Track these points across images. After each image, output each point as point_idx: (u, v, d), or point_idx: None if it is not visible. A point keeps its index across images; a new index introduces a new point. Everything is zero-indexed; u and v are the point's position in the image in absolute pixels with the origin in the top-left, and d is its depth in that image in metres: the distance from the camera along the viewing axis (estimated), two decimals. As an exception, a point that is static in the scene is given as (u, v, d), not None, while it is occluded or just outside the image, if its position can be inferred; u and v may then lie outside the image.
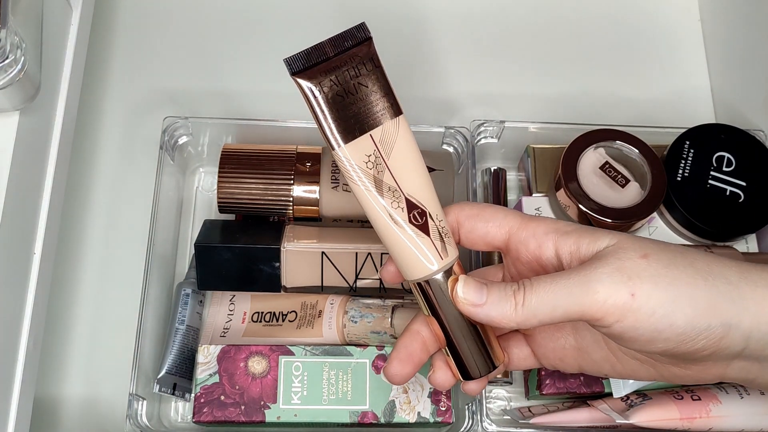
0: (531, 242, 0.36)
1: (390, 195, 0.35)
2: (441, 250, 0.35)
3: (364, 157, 0.35)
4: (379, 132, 0.35)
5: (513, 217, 0.37)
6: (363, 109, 0.35)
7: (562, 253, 0.35)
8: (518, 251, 0.37)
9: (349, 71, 0.35)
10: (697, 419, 0.45)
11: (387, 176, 0.35)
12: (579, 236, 0.35)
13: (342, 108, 0.34)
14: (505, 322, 0.34)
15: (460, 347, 0.37)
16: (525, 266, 0.37)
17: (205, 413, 0.46)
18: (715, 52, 0.62)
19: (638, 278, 0.32)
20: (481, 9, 0.64)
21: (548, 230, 0.36)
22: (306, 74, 0.34)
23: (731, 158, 0.52)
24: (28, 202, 0.45)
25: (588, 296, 0.32)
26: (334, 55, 0.35)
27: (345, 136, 0.34)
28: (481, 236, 0.37)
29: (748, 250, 0.52)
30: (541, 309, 0.33)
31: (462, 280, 0.35)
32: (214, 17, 0.63)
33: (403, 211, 0.35)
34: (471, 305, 0.34)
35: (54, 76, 0.48)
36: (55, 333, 0.52)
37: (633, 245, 0.33)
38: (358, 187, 0.35)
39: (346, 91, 0.35)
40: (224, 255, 0.48)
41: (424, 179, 0.36)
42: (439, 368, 0.38)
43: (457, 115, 0.60)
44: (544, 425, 0.47)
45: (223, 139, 0.54)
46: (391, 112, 0.35)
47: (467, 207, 0.37)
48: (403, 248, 0.35)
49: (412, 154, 0.36)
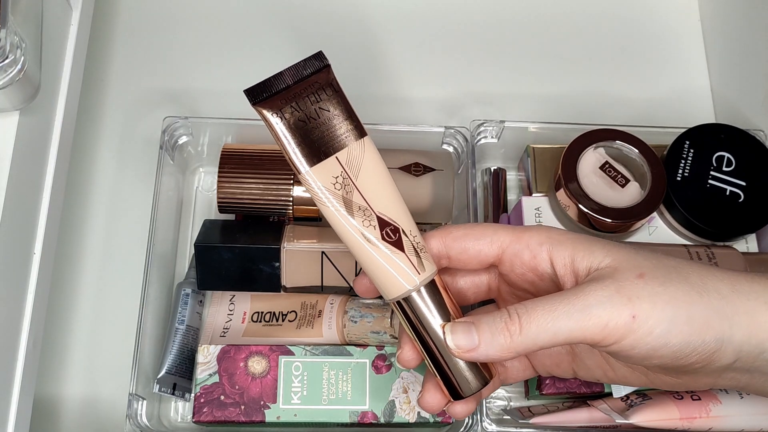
0: (525, 254, 0.36)
1: (360, 214, 0.35)
2: (417, 265, 0.35)
3: (331, 178, 0.35)
4: (345, 153, 0.35)
5: (504, 232, 0.36)
6: (326, 133, 0.35)
7: (556, 264, 0.35)
8: (512, 264, 0.36)
9: (310, 97, 0.35)
10: (697, 419, 0.45)
11: (356, 196, 0.35)
12: (573, 247, 0.35)
13: (305, 133, 0.35)
14: (507, 356, 0.33)
15: (448, 365, 0.36)
16: (519, 277, 0.37)
17: (205, 413, 0.46)
18: (715, 52, 0.62)
19: (638, 299, 0.32)
20: (481, 9, 0.64)
21: (542, 241, 0.36)
22: (267, 103, 0.35)
23: (731, 158, 0.52)
24: (28, 202, 0.45)
25: (590, 320, 0.32)
26: (293, 83, 0.35)
27: (310, 159, 0.35)
28: (474, 256, 0.37)
29: (748, 250, 0.52)
30: (541, 336, 0.33)
31: (448, 329, 0.34)
32: (214, 17, 0.63)
33: (375, 229, 0.35)
34: (465, 352, 0.34)
35: (54, 76, 0.48)
36: (55, 333, 0.52)
37: (628, 264, 0.33)
38: (328, 209, 0.35)
39: (308, 117, 0.35)
40: (224, 255, 0.48)
41: (395, 197, 0.36)
42: (428, 390, 0.37)
43: (457, 115, 0.60)
44: (544, 425, 0.47)
45: (223, 139, 0.54)
46: (355, 134, 0.36)
47: (453, 229, 0.37)
48: (378, 267, 0.35)
49: (381, 173, 0.36)
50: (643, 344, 0.32)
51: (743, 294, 0.33)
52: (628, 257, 0.34)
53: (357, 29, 0.63)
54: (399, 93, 0.61)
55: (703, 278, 0.33)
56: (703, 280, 0.33)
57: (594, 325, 0.32)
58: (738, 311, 0.33)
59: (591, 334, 0.32)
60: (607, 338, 0.32)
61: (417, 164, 0.51)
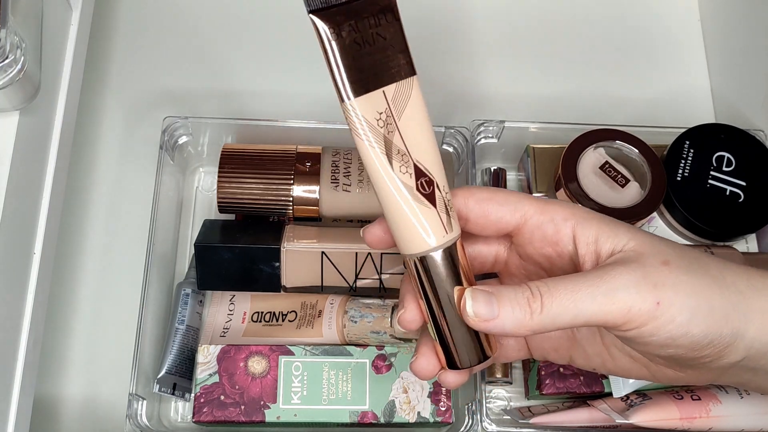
0: (549, 227, 0.35)
1: (399, 158, 0.32)
2: (446, 223, 0.33)
3: (375, 113, 0.32)
4: (393, 89, 0.32)
5: (529, 201, 0.35)
6: (379, 63, 0.32)
7: (579, 242, 0.34)
8: (532, 236, 0.35)
9: (369, 19, 0.31)
10: (697, 419, 0.45)
11: (397, 138, 0.32)
12: (599, 227, 0.34)
13: (357, 57, 0.31)
14: (522, 332, 0.32)
15: (453, 333, 0.34)
16: (536, 251, 0.36)
17: (205, 413, 0.46)
18: (715, 52, 0.62)
19: (663, 286, 0.32)
20: (481, 9, 0.64)
21: (567, 216, 0.35)
22: (324, 14, 0.31)
23: (731, 158, 0.52)
24: (28, 202, 0.45)
25: (614, 304, 0.31)
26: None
27: (357, 88, 0.31)
28: (494, 221, 0.35)
29: (748, 250, 0.52)
30: (562, 316, 0.32)
31: (469, 294, 0.33)
32: (214, 17, 0.63)
33: (411, 177, 0.32)
34: (482, 321, 0.32)
35: (54, 76, 0.48)
36: (55, 333, 0.52)
37: (653, 250, 0.33)
38: (365, 146, 0.32)
39: (363, 40, 0.31)
40: (224, 255, 0.48)
41: (434, 148, 0.33)
42: (423, 354, 0.35)
43: (457, 115, 0.60)
44: (544, 425, 0.47)
45: (223, 139, 0.54)
46: (406, 71, 0.33)
47: (477, 191, 0.35)
48: (405, 218, 0.32)
49: (423, 119, 0.33)
50: (664, 332, 0.32)
51: (758, 291, 0.33)
52: (652, 243, 0.33)
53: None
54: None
55: (722, 272, 0.33)
56: (723, 273, 0.33)
57: (618, 309, 0.31)
58: (752, 308, 0.32)
59: (613, 317, 0.32)
60: (628, 323, 0.32)
61: (417, 164, 0.51)
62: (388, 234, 0.35)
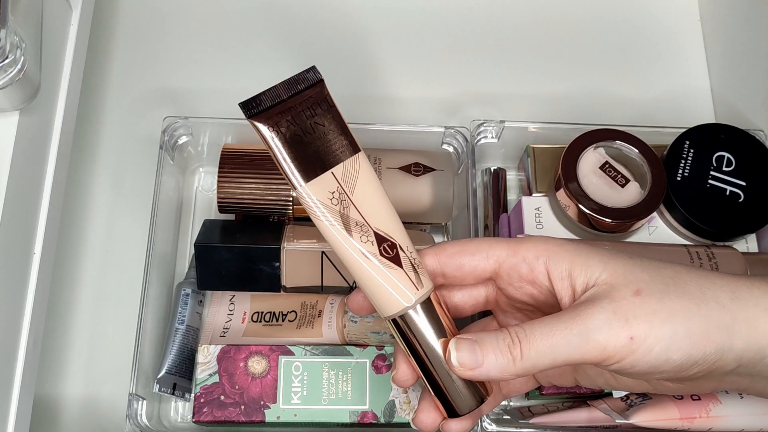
0: (522, 267, 0.36)
1: (358, 230, 0.35)
2: (415, 281, 0.35)
3: (327, 194, 0.35)
4: (341, 169, 0.35)
5: (499, 246, 0.36)
6: (322, 148, 0.35)
7: (554, 278, 0.35)
8: (510, 277, 0.36)
9: (305, 112, 0.35)
10: (697, 419, 0.45)
11: (353, 211, 0.35)
12: (571, 260, 0.34)
13: (301, 147, 0.34)
14: (507, 377, 0.33)
15: (445, 382, 0.35)
16: (517, 290, 0.37)
17: (205, 413, 0.46)
18: (715, 52, 0.62)
19: (635, 319, 0.32)
20: (482, 9, 0.64)
21: (539, 254, 0.35)
22: (262, 116, 0.34)
23: (731, 158, 0.52)
24: (28, 202, 0.45)
25: (588, 344, 0.32)
26: (288, 97, 0.35)
27: (306, 174, 0.34)
28: (470, 272, 0.36)
29: (748, 250, 0.52)
30: (541, 361, 0.32)
31: (453, 345, 0.34)
32: (214, 17, 0.63)
33: (373, 245, 0.35)
34: (468, 369, 0.33)
35: (54, 76, 0.48)
36: (55, 333, 0.52)
37: (624, 279, 0.33)
38: (325, 225, 0.35)
39: (303, 131, 0.35)
40: (224, 255, 0.48)
41: (391, 212, 0.36)
42: (423, 409, 0.37)
43: (457, 115, 0.60)
44: (544, 425, 0.47)
45: (223, 139, 0.54)
46: (350, 150, 0.35)
47: (448, 246, 0.37)
48: (375, 283, 0.35)
49: (376, 189, 0.36)
50: (643, 363, 0.32)
51: (743, 301, 0.33)
52: (625, 271, 0.33)
53: (357, 29, 0.63)
54: (399, 93, 0.61)
55: (702, 287, 0.33)
56: (702, 289, 0.33)
57: (593, 349, 0.32)
58: (737, 319, 0.33)
59: (591, 356, 0.32)
60: (607, 360, 0.32)
61: (417, 164, 0.51)
62: (368, 300, 0.36)
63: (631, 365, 0.32)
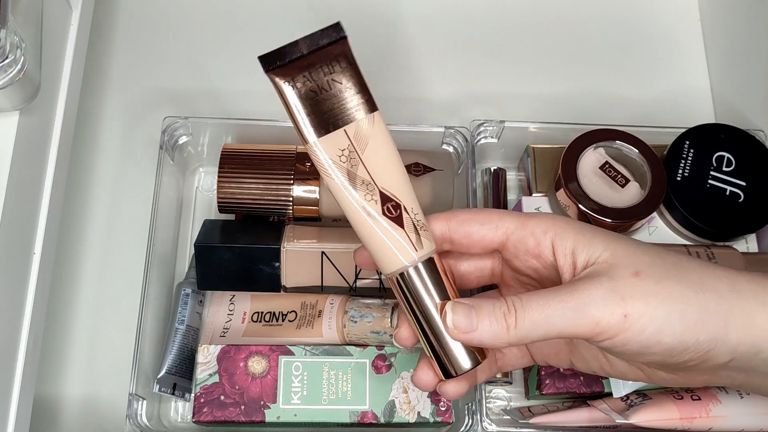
0: (530, 241, 0.36)
1: (363, 188, 0.35)
2: (416, 242, 0.35)
3: (337, 151, 0.35)
4: (354, 127, 0.35)
5: (509, 217, 0.37)
6: (337, 105, 0.35)
7: (558, 253, 0.35)
8: (516, 250, 0.37)
9: (323, 68, 0.35)
10: (697, 419, 0.45)
11: (361, 170, 0.35)
12: (575, 238, 0.35)
13: (315, 104, 0.35)
14: (500, 345, 0.34)
15: (441, 343, 0.36)
16: (522, 264, 0.37)
17: (205, 413, 0.46)
18: (715, 52, 0.62)
19: (630, 298, 0.32)
20: (482, 9, 0.64)
21: (547, 228, 0.36)
22: (280, 71, 0.35)
23: (731, 158, 0.52)
24: (28, 202, 0.45)
25: (582, 319, 0.32)
26: (308, 53, 0.35)
27: (318, 130, 0.35)
28: (477, 241, 0.37)
29: (748, 250, 0.52)
30: (534, 331, 0.33)
31: (449, 307, 0.35)
32: (214, 17, 0.63)
33: (376, 204, 0.35)
34: (462, 332, 0.34)
35: (54, 76, 0.48)
36: (55, 333, 0.52)
37: (625, 260, 0.33)
38: (332, 180, 0.35)
39: (319, 88, 0.35)
40: (224, 255, 0.48)
41: (400, 174, 0.36)
42: (421, 367, 0.37)
43: (457, 115, 0.60)
44: (544, 425, 0.47)
45: (223, 139, 0.54)
46: (366, 108, 0.36)
47: (459, 213, 0.37)
48: (377, 241, 0.36)
49: (388, 149, 0.36)
50: (635, 342, 0.32)
51: (741, 294, 0.33)
52: (627, 252, 0.34)
53: (357, 29, 0.62)
54: (399, 93, 0.61)
55: (702, 276, 0.33)
56: (702, 278, 0.33)
57: (587, 323, 0.32)
58: (735, 311, 0.33)
59: (583, 331, 0.33)
60: (598, 335, 0.33)
61: (417, 164, 0.51)
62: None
63: (622, 343, 0.33)
